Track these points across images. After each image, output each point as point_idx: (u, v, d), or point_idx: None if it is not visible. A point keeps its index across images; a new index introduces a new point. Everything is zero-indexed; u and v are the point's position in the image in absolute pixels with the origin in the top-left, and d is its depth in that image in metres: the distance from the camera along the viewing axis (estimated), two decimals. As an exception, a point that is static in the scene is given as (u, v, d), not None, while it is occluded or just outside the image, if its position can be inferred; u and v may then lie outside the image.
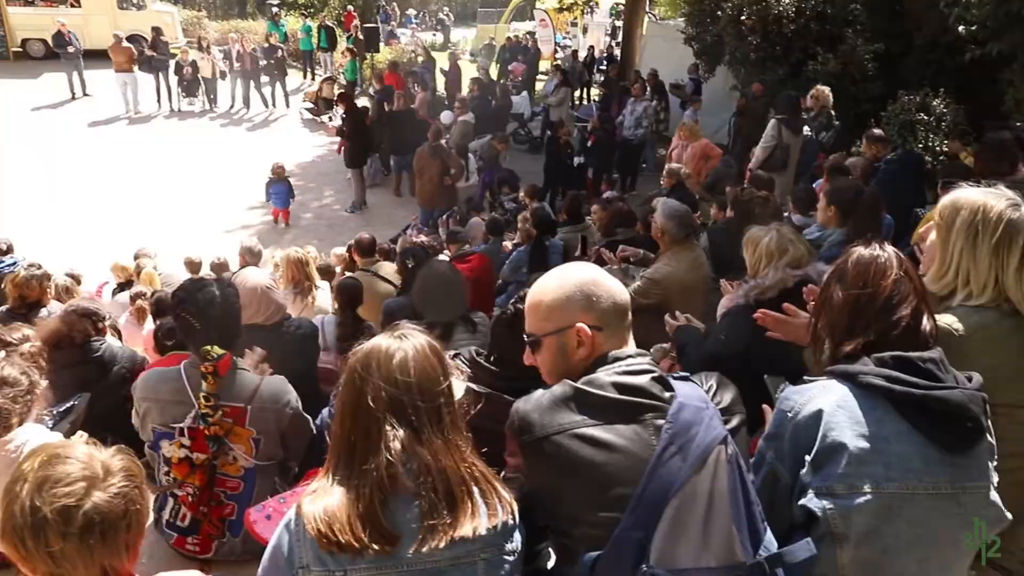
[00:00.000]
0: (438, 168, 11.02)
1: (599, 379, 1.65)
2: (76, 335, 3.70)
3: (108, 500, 1.39)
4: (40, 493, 1.36)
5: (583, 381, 1.65)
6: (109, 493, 1.40)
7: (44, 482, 1.37)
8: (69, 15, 19.90)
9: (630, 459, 1.56)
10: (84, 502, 1.37)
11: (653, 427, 1.59)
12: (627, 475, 1.55)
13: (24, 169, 13.81)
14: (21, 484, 1.39)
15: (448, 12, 32.80)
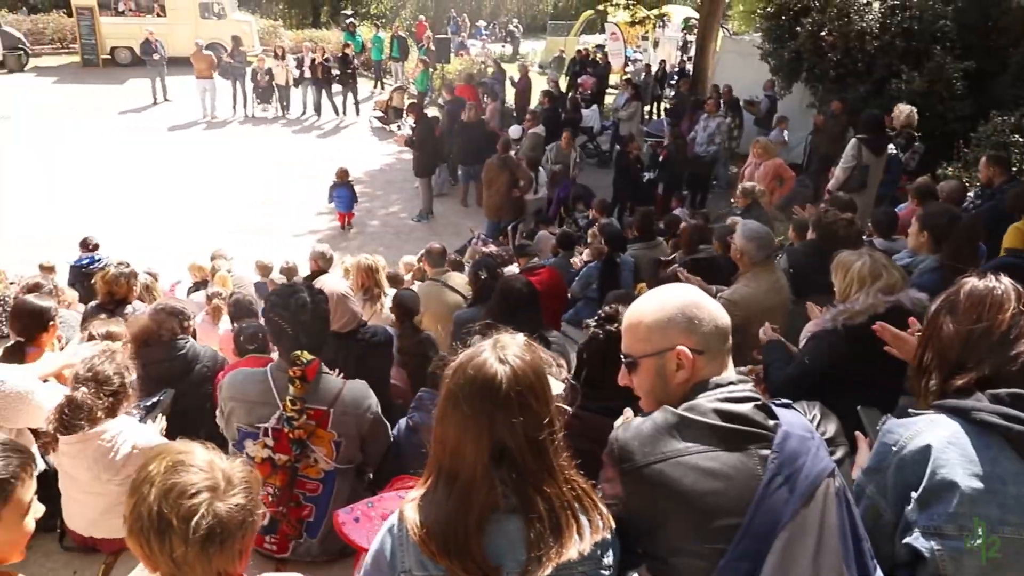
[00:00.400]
0: (507, 180, 11.05)
1: (701, 406, 1.61)
2: (164, 333, 3.79)
3: (228, 511, 1.42)
4: (166, 500, 1.40)
5: (684, 407, 1.61)
6: (229, 504, 1.43)
7: (170, 490, 1.41)
8: (155, 24, 20.76)
9: (735, 489, 1.52)
10: (207, 513, 1.40)
11: (758, 457, 1.55)
12: (733, 505, 1.51)
13: (107, 169, 14.39)
14: (148, 487, 1.42)
15: (518, 24, 32.93)
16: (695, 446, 1.55)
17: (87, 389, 2.76)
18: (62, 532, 3.02)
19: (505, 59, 26.62)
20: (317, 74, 17.55)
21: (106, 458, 2.76)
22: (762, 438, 1.56)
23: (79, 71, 21.95)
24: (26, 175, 13.88)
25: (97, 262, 8.55)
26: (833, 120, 10.98)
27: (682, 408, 1.61)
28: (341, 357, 3.38)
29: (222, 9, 22.58)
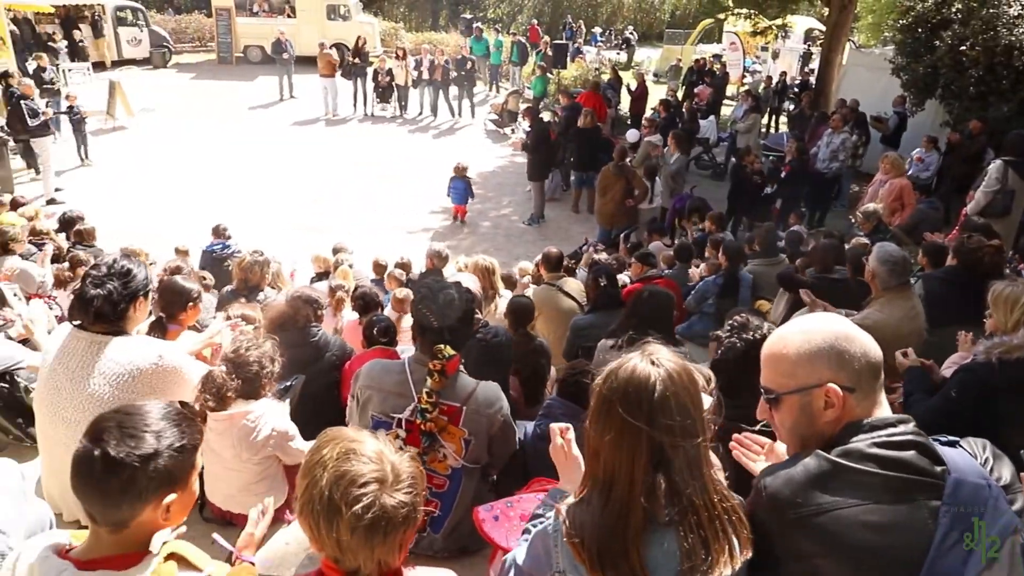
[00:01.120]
0: (622, 188, 10.96)
1: (857, 451, 1.51)
2: (300, 319, 3.95)
3: (394, 504, 1.46)
4: (337, 486, 1.45)
5: (838, 452, 1.52)
6: (395, 498, 1.47)
7: (342, 477, 1.45)
8: (285, 24, 21.75)
9: (904, 546, 1.42)
10: (374, 504, 1.43)
11: (927, 509, 1.44)
12: (900, 566, 1.42)
13: (233, 160, 15.22)
14: (320, 471, 1.47)
15: (633, 31, 32.65)
16: (855, 498, 1.46)
17: (225, 368, 2.90)
18: (202, 503, 3.19)
19: (619, 66, 26.47)
20: (436, 76, 17.94)
21: (248, 438, 2.89)
22: (930, 487, 1.45)
23: (215, 68, 23.29)
24: (163, 163, 14.85)
25: (227, 248, 9.03)
26: (970, 140, 10.35)
27: (835, 453, 1.52)
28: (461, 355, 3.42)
29: (347, 11, 23.41)
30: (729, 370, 2.79)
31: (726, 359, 2.91)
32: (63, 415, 2.78)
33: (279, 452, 3.01)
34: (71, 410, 2.76)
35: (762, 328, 2.95)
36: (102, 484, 1.54)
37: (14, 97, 12.09)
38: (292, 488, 3.20)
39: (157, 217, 12.09)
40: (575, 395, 3.32)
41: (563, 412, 3.29)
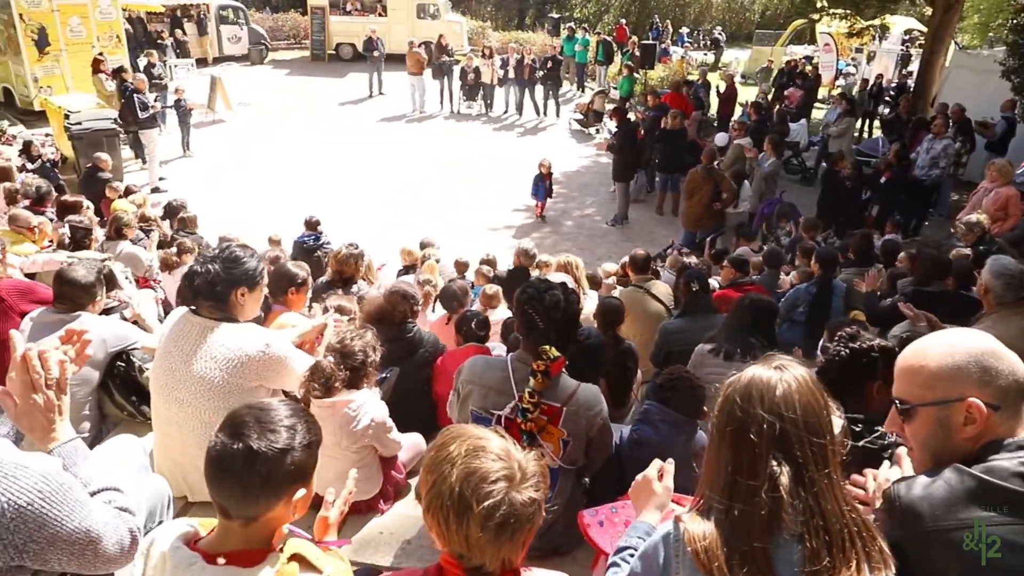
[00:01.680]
0: (709, 191, 10.76)
1: (1001, 468, 1.46)
2: (397, 315, 4.03)
3: (523, 501, 1.46)
4: (468, 482, 1.45)
5: (981, 470, 1.47)
6: (524, 496, 1.47)
7: (472, 473, 1.46)
8: (376, 23, 22.22)
9: None
10: (504, 501, 1.44)
11: None
12: None
13: (322, 155, 15.64)
14: (449, 467, 1.48)
15: (722, 31, 32.00)
16: (999, 516, 1.42)
17: (332, 359, 2.98)
18: (297, 488, 3.28)
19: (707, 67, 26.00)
20: (522, 74, 17.99)
21: (348, 427, 2.96)
22: None
23: (308, 64, 24.00)
24: (257, 155, 15.41)
25: (317, 240, 9.29)
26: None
27: (979, 469, 1.47)
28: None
29: (437, 10, 23.75)
30: (832, 379, 2.71)
31: (829, 368, 2.86)
32: (175, 395, 2.92)
33: (376, 442, 3.08)
34: (183, 391, 2.89)
35: (874, 340, 2.88)
36: (242, 478, 1.59)
37: (128, 91, 12.75)
38: (386, 479, 3.26)
39: (250, 207, 12.56)
40: (674, 400, 3.28)
41: (661, 418, 3.26)
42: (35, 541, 1.55)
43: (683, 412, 3.27)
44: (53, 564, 1.61)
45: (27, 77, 15.83)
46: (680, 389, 3.28)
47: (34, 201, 8.45)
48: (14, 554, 1.53)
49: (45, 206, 8.45)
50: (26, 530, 1.53)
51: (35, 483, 1.55)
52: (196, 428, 2.91)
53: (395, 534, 3.11)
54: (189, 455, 2.99)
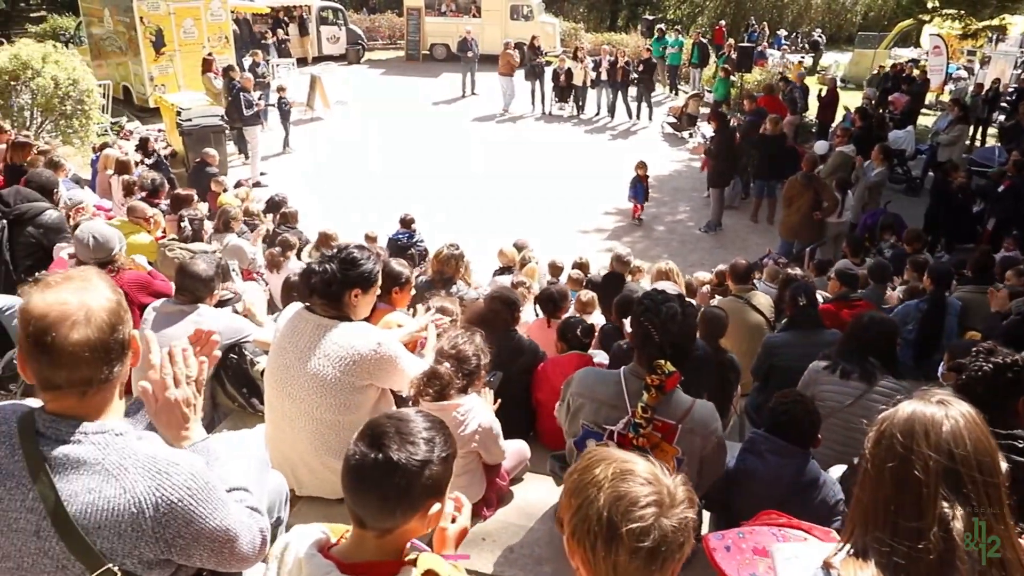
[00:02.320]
0: (809, 199, 10.39)
1: None
2: (499, 321, 4.02)
3: (673, 528, 1.39)
4: (616, 507, 1.39)
5: None
6: (674, 521, 1.40)
7: (621, 498, 1.40)
8: (471, 24, 22.43)
9: None
10: (655, 527, 1.38)
11: None
12: None
13: (415, 154, 15.90)
14: (595, 491, 1.43)
15: (821, 33, 30.91)
16: None
17: (449, 365, 2.98)
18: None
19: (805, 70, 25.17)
20: (615, 77, 17.82)
21: (456, 431, 2.96)
22: None
23: (402, 64, 24.46)
24: (353, 153, 15.81)
25: (411, 237, 9.43)
26: None
27: None
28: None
29: (530, 11, 23.79)
30: (977, 396, 2.55)
31: (973, 384, 2.75)
32: (289, 391, 2.98)
33: (482, 448, 3.07)
34: (296, 387, 2.95)
35: (1015, 355, 2.73)
36: (382, 489, 1.58)
37: (235, 89, 13.28)
38: (489, 486, 3.25)
39: (346, 202, 12.90)
40: (785, 429, 3.13)
41: (768, 448, 3.11)
42: (182, 536, 1.59)
43: (794, 441, 3.12)
44: (195, 560, 1.66)
45: (144, 76, 16.71)
46: (794, 415, 3.13)
47: (149, 193, 8.88)
48: (164, 548, 1.58)
49: (159, 198, 8.86)
50: (175, 526, 1.57)
51: (185, 480, 1.59)
52: (307, 424, 2.97)
53: (497, 541, 3.10)
54: (299, 450, 3.05)
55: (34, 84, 11.28)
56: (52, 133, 11.89)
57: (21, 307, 1.57)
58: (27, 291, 1.59)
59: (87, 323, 1.54)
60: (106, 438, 1.58)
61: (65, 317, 1.52)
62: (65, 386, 1.56)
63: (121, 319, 1.62)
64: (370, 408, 3.06)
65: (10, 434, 1.58)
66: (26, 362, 1.56)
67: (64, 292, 1.55)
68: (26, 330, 1.53)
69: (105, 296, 1.60)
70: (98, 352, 1.56)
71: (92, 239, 4.31)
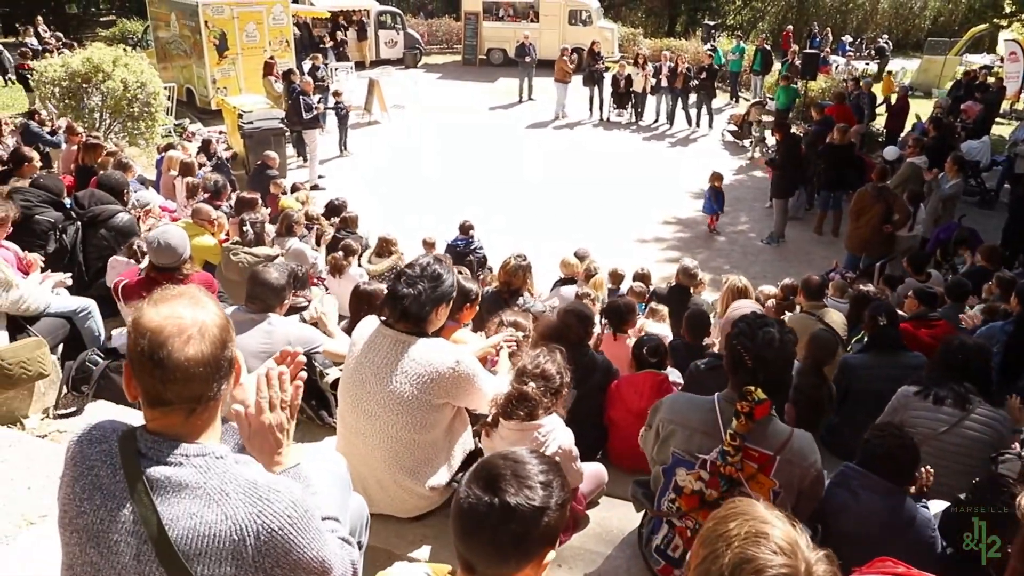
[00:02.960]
0: (879, 212, 10.01)
1: None
2: (572, 336, 3.88)
3: None
4: (739, 571, 1.27)
5: None
6: None
7: (748, 561, 1.27)
8: (528, 28, 22.37)
9: None
10: None
11: None
12: None
13: (471, 159, 15.90)
14: (723, 547, 1.31)
15: (887, 39, 30.05)
16: None
17: (535, 385, 2.86)
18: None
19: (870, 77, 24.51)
20: (676, 83, 17.55)
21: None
22: None
23: (459, 69, 24.55)
24: (409, 157, 15.84)
25: (470, 244, 9.36)
26: None
27: None
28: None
29: (589, 16, 23.63)
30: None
31: None
32: (364, 407, 2.90)
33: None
34: (373, 404, 2.87)
35: None
36: (496, 535, 1.49)
37: (295, 93, 13.42)
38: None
39: (402, 206, 12.93)
40: (881, 464, 2.93)
41: (861, 483, 2.91)
42: (280, 566, 1.52)
43: (890, 477, 2.92)
44: None
45: (207, 79, 17.05)
46: (890, 449, 2.93)
47: (212, 195, 9.00)
48: None
49: (221, 200, 8.97)
50: (275, 555, 1.51)
51: (286, 508, 1.52)
52: (382, 441, 2.89)
53: (574, 568, 2.97)
54: (371, 467, 2.97)
55: (104, 87, 11.55)
56: (120, 134, 12.16)
57: (133, 321, 1.52)
58: (137, 307, 1.54)
59: (201, 338, 1.50)
60: (207, 461, 1.52)
61: (180, 331, 1.48)
62: (176, 402, 1.52)
63: (230, 336, 1.58)
64: (446, 427, 2.97)
65: (111, 453, 1.53)
66: (135, 377, 1.52)
67: (177, 307, 1.51)
68: (138, 344, 1.48)
69: (215, 312, 1.57)
70: (210, 368, 1.51)
71: (164, 243, 4.32)
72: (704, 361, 3.83)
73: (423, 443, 2.89)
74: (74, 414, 4.15)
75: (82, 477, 1.53)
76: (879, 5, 37.48)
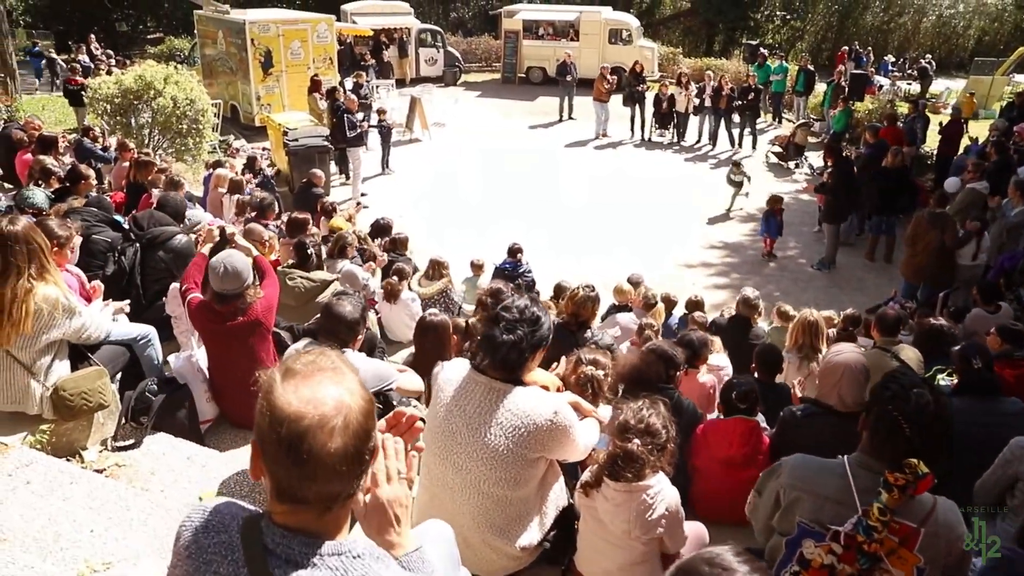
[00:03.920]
0: (936, 239, 9.69)
1: None
2: (652, 375, 3.68)
3: None
4: None
5: None
6: None
7: None
8: (568, 47, 22.28)
9: None
10: None
11: None
12: None
13: (512, 178, 15.75)
14: None
15: (931, 59, 29.49)
16: None
17: (640, 442, 2.65)
18: (566, 569, 2.98)
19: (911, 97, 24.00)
20: (719, 104, 17.29)
21: (644, 516, 2.64)
22: None
23: (498, 87, 24.53)
24: (451, 175, 15.77)
25: (518, 268, 9.19)
26: None
27: None
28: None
29: (629, 35, 23.51)
30: None
31: None
32: (454, 459, 2.70)
33: (667, 535, 2.72)
34: (464, 457, 2.67)
35: None
36: None
37: (340, 111, 13.40)
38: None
39: (445, 226, 12.82)
40: None
41: None
42: None
43: None
44: None
45: (251, 95, 17.15)
46: None
47: (259, 213, 8.94)
48: None
49: (269, 218, 8.90)
50: None
51: None
52: (472, 497, 2.69)
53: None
54: (459, 524, 2.75)
55: (155, 104, 11.61)
56: (168, 151, 12.22)
57: (266, 399, 1.32)
58: (272, 380, 1.35)
59: (345, 430, 1.30)
60: (343, 561, 1.34)
61: (323, 423, 1.29)
62: (312, 501, 1.33)
63: (374, 420, 1.39)
64: (538, 482, 2.76)
65: (232, 546, 1.36)
66: (268, 467, 1.34)
67: (319, 388, 1.32)
68: (276, 433, 1.29)
69: (360, 393, 1.37)
70: (353, 464, 1.33)
71: (231, 269, 4.18)
72: (800, 408, 3.58)
73: (515, 500, 2.69)
74: (133, 446, 4.02)
75: (198, 573, 1.35)
76: (921, 24, 36.94)
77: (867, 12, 36.12)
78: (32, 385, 3.68)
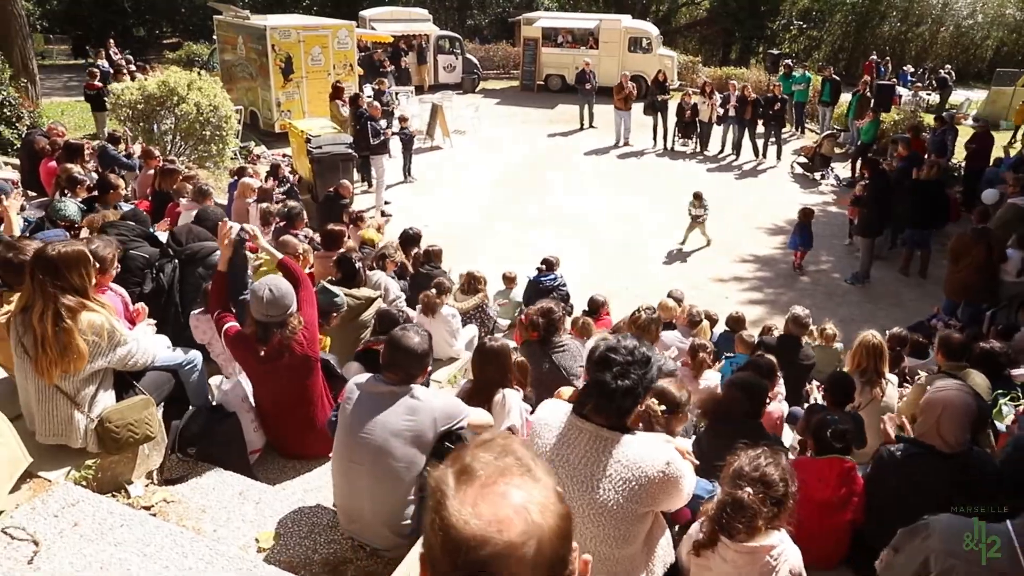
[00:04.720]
0: (981, 255, 9.42)
1: None
2: (737, 412, 3.43)
3: None
4: None
5: None
6: None
7: None
8: (588, 55, 22.08)
9: None
10: None
11: None
12: None
13: (532, 187, 15.54)
14: None
15: (950, 70, 29.15)
16: None
17: (752, 491, 2.41)
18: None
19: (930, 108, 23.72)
20: (744, 113, 17.04)
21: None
22: None
23: (517, 94, 24.35)
24: (471, 183, 15.60)
25: (554, 280, 8.94)
26: None
27: None
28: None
29: (649, 44, 23.30)
30: None
31: None
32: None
33: (789, 599, 2.48)
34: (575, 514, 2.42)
35: None
36: None
37: (363, 118, 13.19)
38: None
39: (469, 235, 12.58)
40: None
41: None
42: None
43: None
44: None
45: (272, 101, 16.98)
46: None
47: (286, 223, 8.73)
48: None
49: (298, 228, 8.69)
50: None
51: None
52: (576, 556, 2.45)
53: None
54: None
55: (178, 110, 11.43)
56: (191, 157, 12.04)
57: (440, 516, 1.07)
58: (443, 483, 1.11)
59: (537, 558, 1.05)
60: None
61: (511, 550, 1.03)
62: None
63: (571, 538, 1.13)
64: (644, 538, 2.52)
65: None
66: None
67: (503, 503, 1.07)
68: (452, 560, 1.04)
69: (554, 507, 1.10)
70: None
71: (277, 293, 3.95)
72: (899, 448, 3.34)
73: (622, 558, 2.45)
74: (180, 480, 3.80)
75: None
76: (939, 34, 36.61)
77: (884, 22, 35.84)
78: (76, 416, 3.44)
